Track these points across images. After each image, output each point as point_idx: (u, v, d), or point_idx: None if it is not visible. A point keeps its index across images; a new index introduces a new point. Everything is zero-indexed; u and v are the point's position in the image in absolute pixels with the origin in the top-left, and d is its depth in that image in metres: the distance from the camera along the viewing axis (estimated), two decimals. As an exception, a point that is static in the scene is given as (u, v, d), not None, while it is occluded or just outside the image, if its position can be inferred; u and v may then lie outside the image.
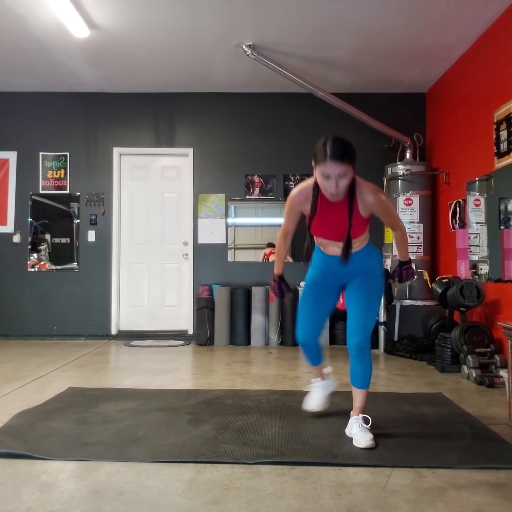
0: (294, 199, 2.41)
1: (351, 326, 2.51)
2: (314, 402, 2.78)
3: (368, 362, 2.49)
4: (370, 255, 2.53)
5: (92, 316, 5.95)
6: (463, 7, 4.13)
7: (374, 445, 2.33)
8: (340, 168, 2.15)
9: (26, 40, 4.69)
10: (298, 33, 4.59)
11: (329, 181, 2.17)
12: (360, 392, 2.51)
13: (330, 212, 2.34)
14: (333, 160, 2.13)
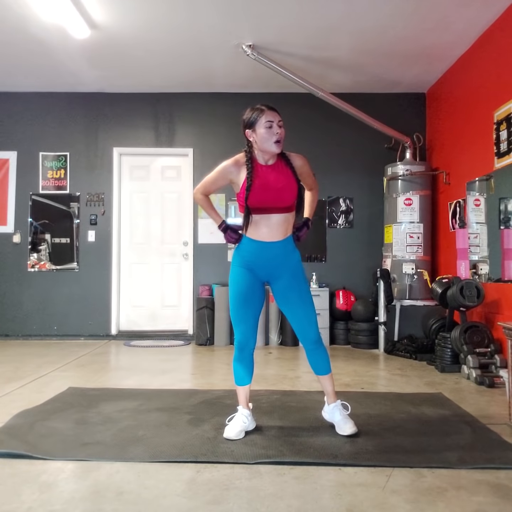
0: (226, 167, 2.51)
1: (300, 322, 2.53)
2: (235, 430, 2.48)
3: (324, 348, 2.60)
4: (295, 251, 2.57)
5: (92, 316, 5.96)
6: (463, 7, 4.13)
7: (356, 431, 2.47)
8: (278, 116, 2.46)
9: (26, 40, 4.69)
10: (298, 33, 4.59)
11: (272, 129, 2.43)
12: (328, 377, 2.59)
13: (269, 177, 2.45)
14: (271, 110, 2.47)
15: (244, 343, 2.56)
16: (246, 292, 2.52)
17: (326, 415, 2.65)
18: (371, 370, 4.22)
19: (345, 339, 5.61)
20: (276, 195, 2.43)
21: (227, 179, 2.53)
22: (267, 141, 2.43)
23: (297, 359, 4.70)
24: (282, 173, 2.47)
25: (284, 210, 2.47)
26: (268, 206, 2.44)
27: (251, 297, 2.53)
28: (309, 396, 3.27)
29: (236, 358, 2.60)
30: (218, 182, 2.57)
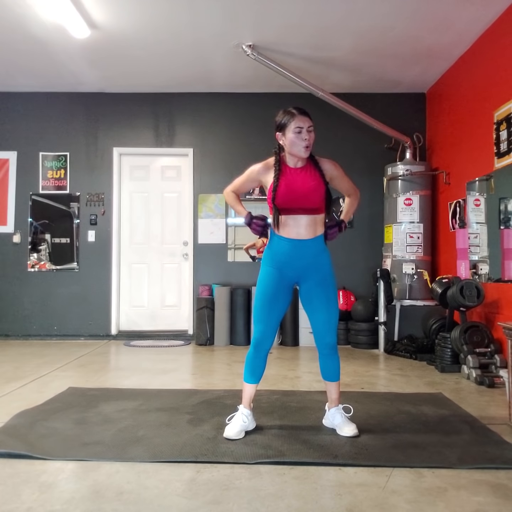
0: (255, 169, 2.61)
1: (320, 326, 2.56)
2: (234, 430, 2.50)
3: (338, 356, 2.63)
4: (325, 251, 2.60)
5: (92, 316, 5.96)
6: (463, 7, 4.13)
7: (358, 434, 2.48)
8: (309, 122, 2.48)
9: (26, 40, 4.69)
10: (298, 33, 4.59)
11: (301, 135, 2.46)
12: (335, 384, 2.62)
13: (296, 179, 2.50)
14: (302, 114, 2.49)
15: (261, 342, 2.56)
16: (272, 293, 2.53)
17: (327, 421, 2.64)
18: (371, 370, 4.22)
19: (345, 339, 5.60)
20: (302, 197, 2.47)
21: (256, 181, 2.64)
22: (296, 146, 2.48)
23: (297, 359, 4.70)
24: (310, 176, 2.51)
25: (311, 211, 2.50)
26: (295, 207, 2.48)
27: (276, 298, 2.54)
28: (309, 396, 3.27)
29: (249, 355, 2.61)
30: (246, 183, 2.69)
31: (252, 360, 2.60)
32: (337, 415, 2.57)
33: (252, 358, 2.60)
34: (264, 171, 2.58)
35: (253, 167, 2.62)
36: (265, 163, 2.62)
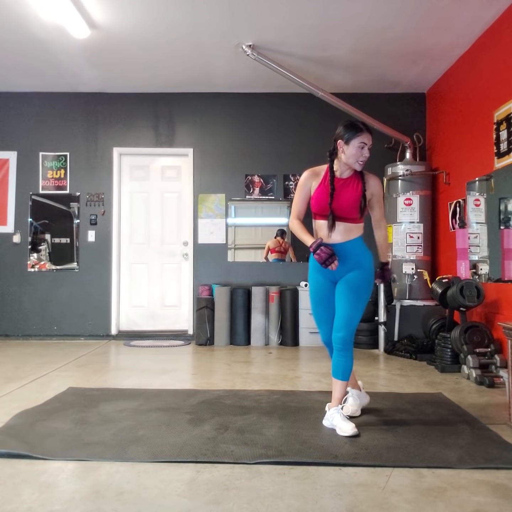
0: (304, 176, 2.75)
1: (338, 321, 2.64)
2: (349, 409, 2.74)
3: (351, 356, 2.66)
4: (364, 253, 2.72)
5: (92, 316, 5.96)
6: (463, 8, 4.13)
7: (358, 433, 2.49)
8: (371, 140, 2.66)
9: (26, 40, 4.69)
10: (298, 33, 4.59)
11: (363, 150, 2.62)
12: (342, 384, 2.66)
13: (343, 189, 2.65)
14: (368, 131, 2.65)
15: (329, 341, 2.76)
16: (323, 296, 2.73)
17: (327, 422, 2.65)
18: (371, 370, 4.22)
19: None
20: (343, 208, 2.63)
21: (308, 187, 2.74)
22: (354, 158, 2.62)
23: (297, 359, 4.70)
24: (352, 188, 2.66)
25: (349, 220, 2.66)
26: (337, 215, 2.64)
27: (328, 300, 2.72)
28: (309, 396, 3.27)
29: (329, 353, 2.80)
30: (303, 196, 2.76)
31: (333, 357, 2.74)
32: (337, 415, 2.59)
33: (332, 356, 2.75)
34: (312, 177, 2.73)
35: (302, 177, 2.76)
36: (312, 170, 2.76)
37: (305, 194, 2.74)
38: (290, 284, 5.93)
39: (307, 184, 2.73)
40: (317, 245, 2.58)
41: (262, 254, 6.06)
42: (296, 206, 2.77)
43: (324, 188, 2.65)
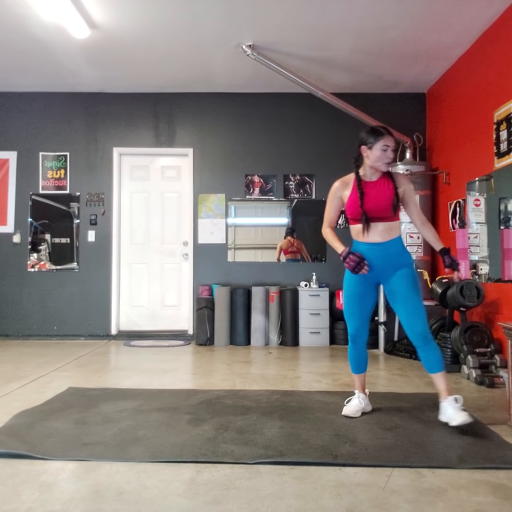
0: (335, 187, 2.86)
1: (410, 318, 2.68)
2: (352, 409, 2.85)
3: (436, 345, 2.70)
4: (406, 251, 2.80)
5: (92, 316, 5.96)
6: (463, 7, 4.13)
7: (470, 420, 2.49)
8: (393, 142, 2.75)
9: (26, 40, 4.69)
10: (298, 33, 4.59)
11: (386, 152, 2.71)
12: (441, 375, 2.68)
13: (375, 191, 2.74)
14: (390, 134, 2.74)
15: (356, 336, 2.87)
16: (357, 293, 2.81)
17: (442, 417, 2.67)
18: (371, 370, 4.22)
19: (345, 339, 5.60)
20: (376, 209, 2.72)
21: (339, 198, 2.85)
22: (379, 161, 2.72)
23: (297, 359, 4.70)
24: (382, 190, 2.75)
25: (386, 219, 2.74)
26: (372, 216, 2.73)
27: (362, 297, 2.81)
28: (309, 396, 3.27)
29: (350, 349, 2.92)
30: (334, 205, 2.88)
31: (353, 353, 2.92)
32: (448, 407, 2.61)
33: (353, 352, 2.91)
34: (342, 188, 2.83)
35: (332, 188, 2.86)
36: (341, 180, 2.85)
37: (336, 204, 2.86)
38: (290, 284, 5.93)
39: (337, 194, 2.83)
40: (346, 253, 2.73)
41: (262, 254, 6.06)
42: (328, 215, 2.90)
43: (357, 194, 2.74)
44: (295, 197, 6.05)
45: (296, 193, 6.05)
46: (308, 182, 6.04)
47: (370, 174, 2.78)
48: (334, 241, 2.83)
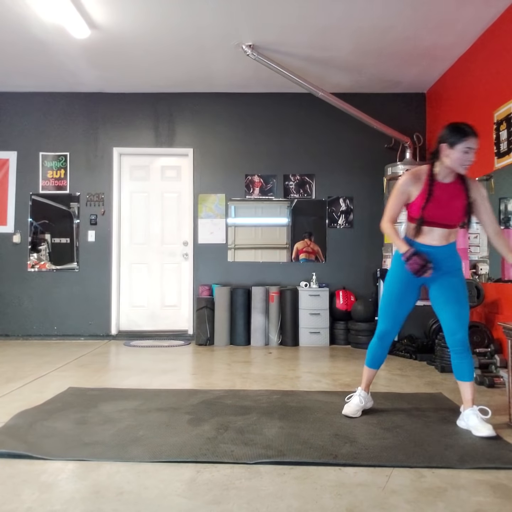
0: (406, 180, 2.63)
1: (452, 322, 2.64)
2: (352, 409, 2.84)
3: (470, 355, 2.66)
4: (458, 255, 2.71)
5: (92, 316, 5.96)
6: (463, 7, 4.13)
7: (495, 435, 2.47)
8: (477, 144, 2.54)
9: (26, 40, 4.69)
10: (298, 33, 4.59)
11: (468, 155, 2.51)
12: (470, 385, 2.65)
13: (446, 195, 2.58)
14: (475, 136, 2.52)
15: (386, 335, 2.80)
16: (399, 293, 2.74)
17: (462, 423, 2.65)
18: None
19: (345, 339, 5.61)
20: (446, 215, 2.59)
21: (407, 193, 2.64)
22: (458, 163, 2.53)
23: (297, 359, 4.70)
24: (455, 196, 2.59)
25: (450, 226, 2.63)
26: (436, 221, 2.60)
27: (403, 297, 2.75)
28: (309, 396, 3.27)
29: (373, 344, 2.85)
30: (401, 200, 2.66)
31: (375, 349, 2.84)
32: (473, 416, 2.57)
33: (375, 347, 2.84)
34: (414, 182, 2.62)
35: (401, 180, 2.64)
36: (413, 174, 2.64)
37: (403, 199, 2.65)
38: (290, 284, 5.93)
39: (406, 189, 2.63)
40: (411, 253, 2.57)
41: (262, 254, 6.05)
42: (391, 209, 2.69)
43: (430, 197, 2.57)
44: (295, 197, 6.05)
45: (296, 193, 6.05)
46: (308, 182, 6.04)
47: (444, 174, 2.59)
48: (396, 238, 2.64)
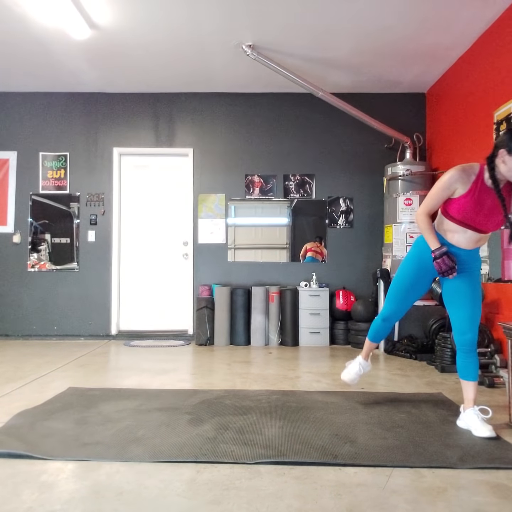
0: (455, 175, 2.48)
1: (463, 322, 2.64)
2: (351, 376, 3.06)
3: (477, 355, 2.68)
4: (479, 256, 2.69)
5: (92, 316, 5.96)
6: (463, 7, 4.13)
7: (495, 435, 2.48)
8: None
9: (26, 40, 4.69)
10: (298, 33, 4.59)
11: None
12: (473, 384, 2.66)
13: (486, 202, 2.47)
14: None
15: (389, 318, 2.91)
16: (412, 280, 2.77)
17: (462, 423, 2.66)
18: (371, 370, 4.21)
19: (345, 339, 5.61)
20: (484, 221, 2.51)
21: (453, 189, 2.51)
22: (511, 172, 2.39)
23: (297, 359, 4.70)
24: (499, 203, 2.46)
25: (483, 232, 2.57)
26: (472, 225, 2.53)
27: (414, 285, 2.78)
28: (309, 396, 3.27)
29: (377, 323, 2.98)
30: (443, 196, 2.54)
31: (378, 327, 2.98)
32: (473, 416, 2.58)
33: (378, 326, 2.98)
34: (462, 179, 2.47)
35: (451, 174, 2.48)
36: (463, 170, 2.48)
37: (446, 195, 2.52)
38: (290, 284, 5.93)
39: (452, 187, 2.48)
40: (441, 253, 2.53)
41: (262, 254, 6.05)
42: (431, 203, 2.57)
43: (473, 200, 2.46)
44: (295, 197, 6.05)
45: (296, 193, 6.05)
46: (308, 182, 6.04)
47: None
48: (428, 233, 2.58)
